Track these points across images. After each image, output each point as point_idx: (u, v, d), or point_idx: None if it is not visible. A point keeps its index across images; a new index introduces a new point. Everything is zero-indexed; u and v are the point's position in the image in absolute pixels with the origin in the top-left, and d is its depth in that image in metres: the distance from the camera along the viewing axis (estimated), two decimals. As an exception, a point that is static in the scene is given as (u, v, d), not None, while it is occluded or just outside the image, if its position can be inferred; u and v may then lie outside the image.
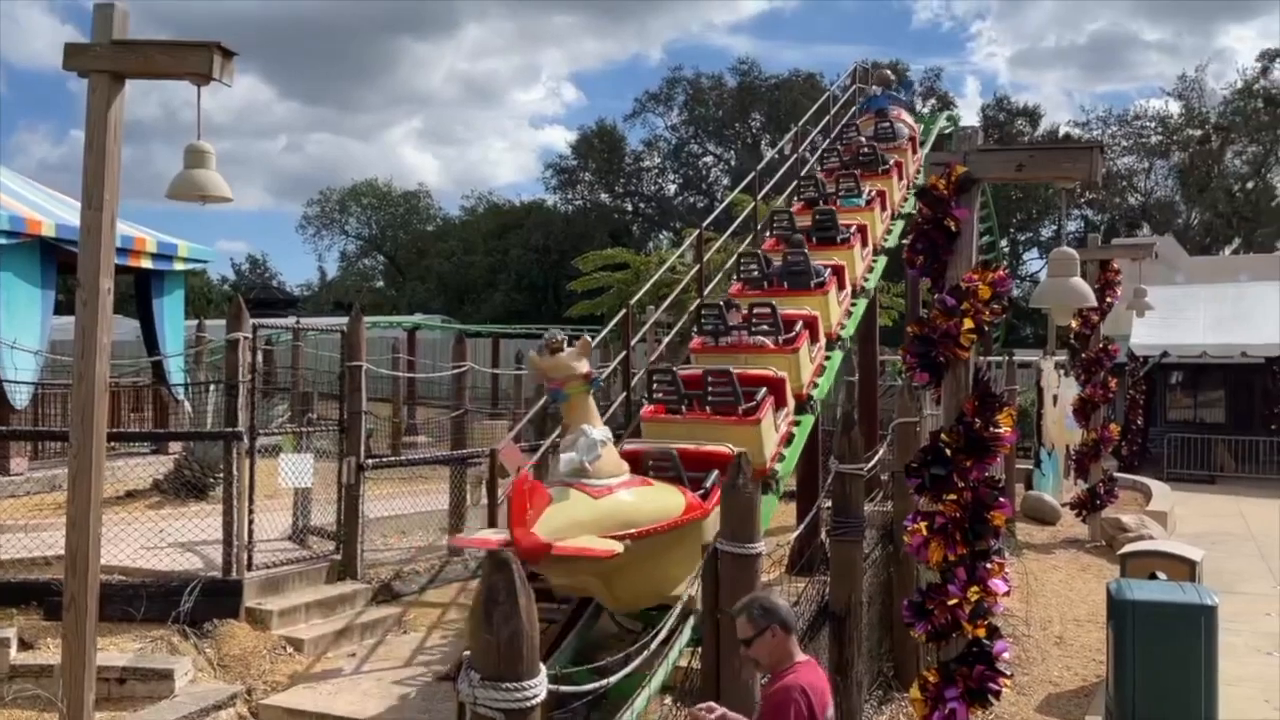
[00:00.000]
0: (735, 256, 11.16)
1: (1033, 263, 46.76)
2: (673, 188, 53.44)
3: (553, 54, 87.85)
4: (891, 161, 12.99)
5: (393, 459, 12.41)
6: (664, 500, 6.64)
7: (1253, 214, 42.63)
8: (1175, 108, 45.05)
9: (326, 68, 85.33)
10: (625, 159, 52.84)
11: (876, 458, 8.35)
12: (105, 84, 4.91)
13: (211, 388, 12.47)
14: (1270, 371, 20.73)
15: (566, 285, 28.89)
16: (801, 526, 8.97)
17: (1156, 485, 17.20)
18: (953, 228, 5.88)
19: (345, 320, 10.01)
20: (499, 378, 23.49)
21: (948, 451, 5.69)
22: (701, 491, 6.93)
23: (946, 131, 16.88)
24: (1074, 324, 14.53)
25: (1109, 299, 14.76)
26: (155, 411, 15.06)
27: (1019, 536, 13.29)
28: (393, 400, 21.90)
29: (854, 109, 16.28)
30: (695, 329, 9.50)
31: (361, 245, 62.45)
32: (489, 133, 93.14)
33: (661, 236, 49.53)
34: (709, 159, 52.94)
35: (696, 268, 11.32)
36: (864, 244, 10.99)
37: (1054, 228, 43.04)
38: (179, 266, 15.07)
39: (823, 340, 9.25)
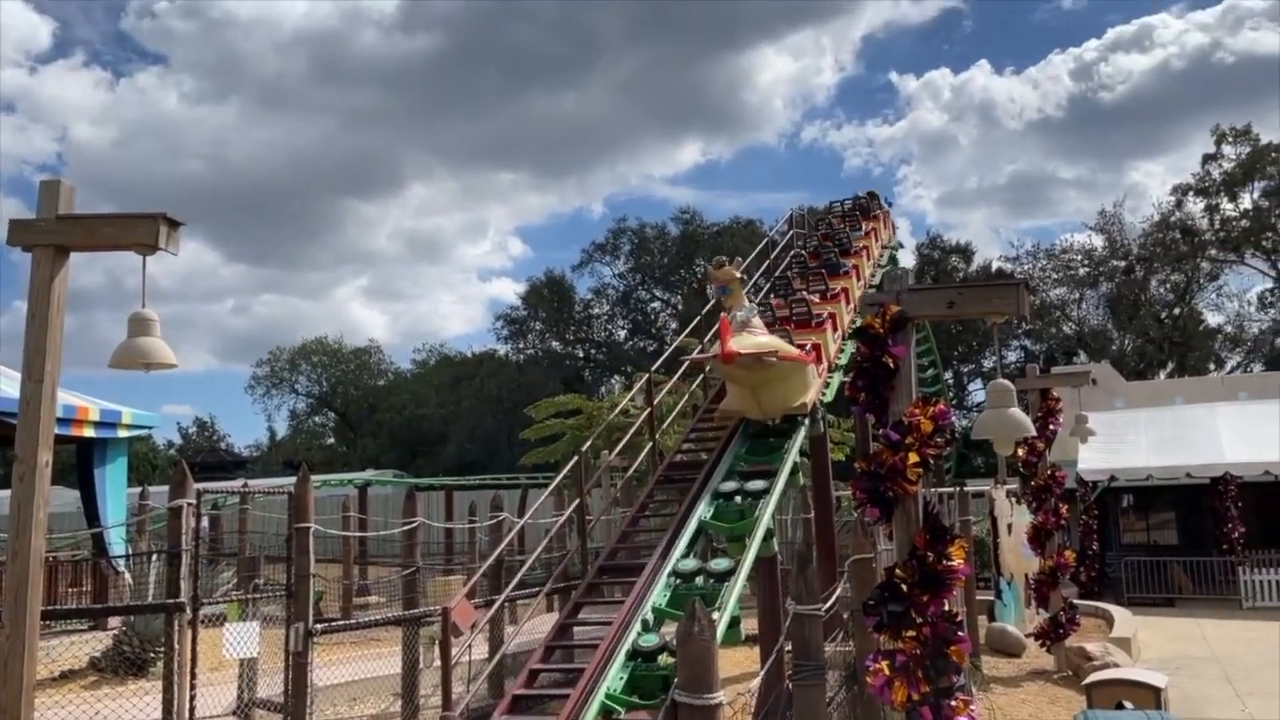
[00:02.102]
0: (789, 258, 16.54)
1: (977, 393, 47.70)
2: (623, 333, 54.29)
3: (498, 210, 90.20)
4: (879, 211, 18.35)
5: (342, 622, 12.02)
6: (790, 346, 10.56)
7: (1182, 339, 44.21)
8: (1099, 241, 47.20)
9: (273, 230, 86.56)
10: (575, 307, 53.75)
11: (835, 596, 8.29)
12: (49, 258, 4.95)
13: (154, 557, 12.10)
14: (1216, 492, 21.07)
15: (520, 434, 28.84)
16: (764, 671, 8.78)
17: (1118, 611, 17.15)
18: (891, 365, 6.05)
19: (293, 480, 9.85)
20: (453, 531, 23.08)
21: (903, 587, 5.68)
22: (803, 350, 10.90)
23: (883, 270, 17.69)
24: (1021, 452, 14.74)
25: (1052, 427, 15.06)
26: (94, 585, 14.52)
27: (985, 670, 13.10)
28: (344, 560, 21.41)
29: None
30: (772, 294, 14.01)
31: (312, 403, 62.13)
32: (437, 287, 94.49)
33: (613, 381, 49.95)
34: (657, 304, 54.05)
35: (648, 410, 11.44)
36: (868, 258, 15.97)
37: (995, 359, 44.19)
38: (122, 434, 14.84)
39: (854, 301, 13.62)
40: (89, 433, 13.99)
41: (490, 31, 78.12)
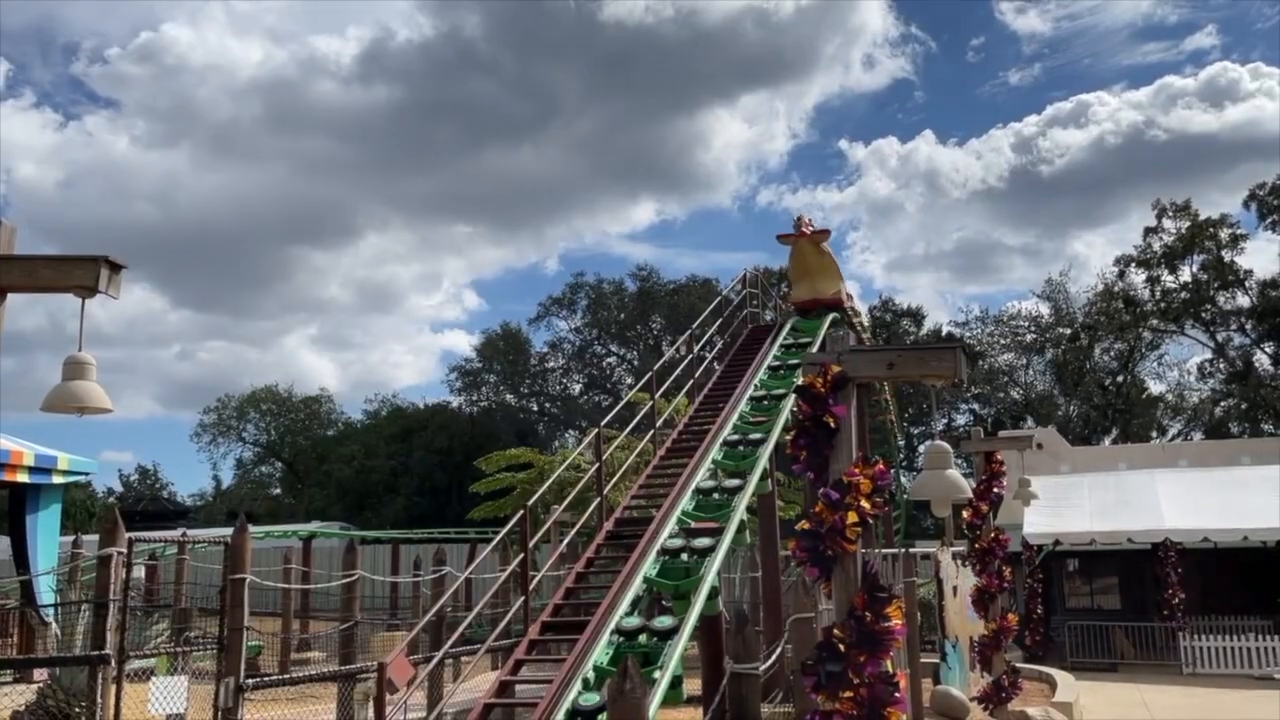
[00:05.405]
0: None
1: (928, 455, 48.16)
2: (578, 387, 54.24)
3: (453, 262, 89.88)
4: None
5: (275, 678, 11.71)
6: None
7: (1125, 406, 45.13)
8: (1045, 308, 48.28)
9: (222, 276, 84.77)
10: (530, 360, 53.65)
11: (775, 655, 8.28)
12: (-15, 298, 4.89)
13: (83, 608, 11.74)
14: (1157, 558, 21.36)
15: (470, 487, 28.55)
16: (705, 733, 8.71)
17: (1061, 675, 17.22)
18: (832, 424, 6.12)
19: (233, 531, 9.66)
20: (398, 586, 22.68)
21: (841, 647, 5.69)
22: None
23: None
24: (966, 514, 14.87)
25: (996, 490, 15.22)
26: (21, 635, 14.04)
27: (929, 734, 13.06)
28: (283, 614, 20.91)
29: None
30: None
31: (259, 452, 61.03)
32: (389, 337, 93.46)
33: (567, 435, 49.75)
34: (613, 359, 54.14)
35: (597, 465, 11.43)
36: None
37: (945, 421, 44.78)
38: (57, 480, 14.49)
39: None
40: (22, 478, 13.65)
41: (448, 86, 78.70)
